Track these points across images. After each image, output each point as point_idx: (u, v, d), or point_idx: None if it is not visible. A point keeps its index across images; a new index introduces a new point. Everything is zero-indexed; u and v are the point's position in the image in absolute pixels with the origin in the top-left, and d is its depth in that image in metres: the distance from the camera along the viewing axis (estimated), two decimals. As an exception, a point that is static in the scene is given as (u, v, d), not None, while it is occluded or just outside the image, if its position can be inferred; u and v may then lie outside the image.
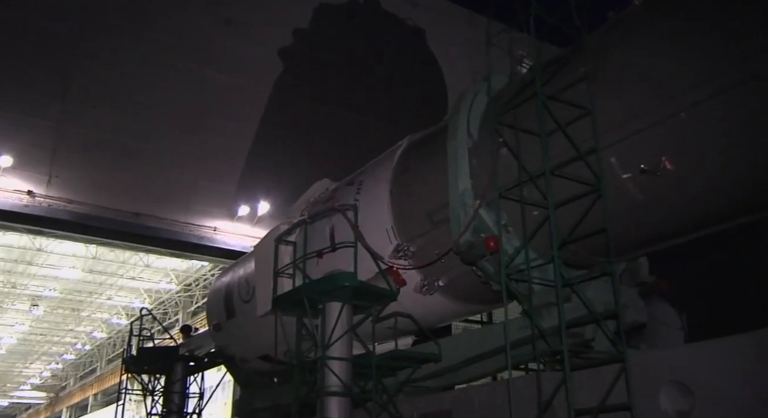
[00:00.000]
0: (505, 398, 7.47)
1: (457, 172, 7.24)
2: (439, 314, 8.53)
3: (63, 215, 18.02)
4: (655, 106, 5.83)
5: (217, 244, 20.64)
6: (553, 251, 5.59)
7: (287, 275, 8.50)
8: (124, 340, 51.58)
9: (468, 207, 7.11)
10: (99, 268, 39.50)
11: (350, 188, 9.05)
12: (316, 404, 7.75)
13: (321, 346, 7.61)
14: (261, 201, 20.75)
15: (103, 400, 56.62)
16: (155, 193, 19.51)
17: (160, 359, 13.04)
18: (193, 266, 37.00)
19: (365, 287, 7.51)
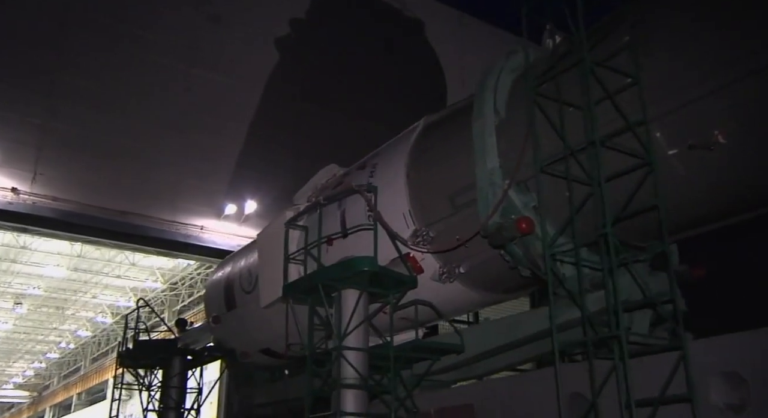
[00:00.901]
0: (531, 391, 6.95)
1: (484, 150, 6.69)
2: (457, 303, 7.97)
3: (48, 212, 17.59)
4: (707, 76, 5.32)
5: (204, 243, 20.28)
6: (607, 227, 5.04)
7: (298, 261, 7.87)
8: (109, 339, 50.91)
9: (497, 187, 6.56)
10: (84, 266, 38.76)
11: (362, 172, 8.47)
12: (331, 398, 7.17)
13: (337, 336, 7.02)
14: (248, 200, 20.41)
15: (87, 399, 55.67)
16: (141, 191, 19.14)
17: (157, 352, 12.33)
18: (180, 264, 36.46)
19: (385, 272, 6.93)
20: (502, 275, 7.50)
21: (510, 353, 7.31)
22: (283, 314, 9.63)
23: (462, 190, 7.26)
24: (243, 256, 11.15)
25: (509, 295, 7.97)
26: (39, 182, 17.63)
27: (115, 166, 18.76)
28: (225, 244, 20.20)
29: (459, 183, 7.29)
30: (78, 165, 18.30)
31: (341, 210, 8.48)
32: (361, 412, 7.03)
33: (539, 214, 6.53)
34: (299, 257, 7.99)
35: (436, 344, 7.29)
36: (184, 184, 19.98)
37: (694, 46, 5.54)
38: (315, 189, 9.45)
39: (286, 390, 10.57)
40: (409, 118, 8.84)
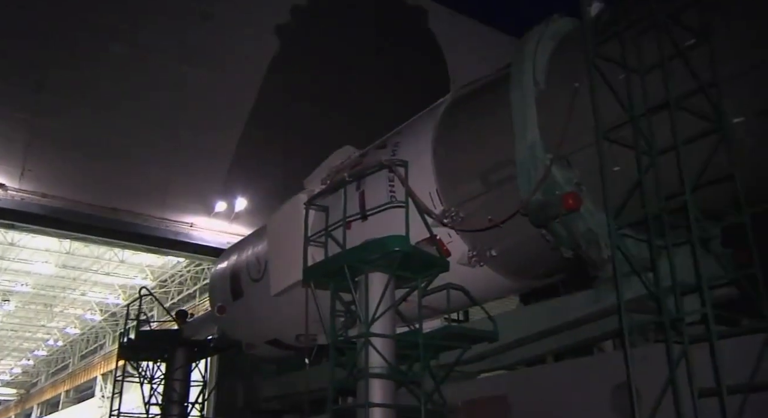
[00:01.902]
0: (571, 380, 6.37)
1: (524, 122, 6.09)
2: (485, 289, 7.35)
3: (36, 209, 17.25)
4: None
5: (194, 240, 19.92)
6: (687, 194, 4.44)
7: (318, 244, 7.23)
8: (97, 336, 49.86)
9: (539, 161, 5.95)
10: (73, 263, 37.76)
11: (383, 151, 7.84)
12: (357, 388, 6.54)
13: (363, 322, 6.38)
14: (238, 197, 20.05)
15: (75, 397, 54.56)
16: (131, 188, 18.77)
17: (161, 343, 11.57)
18: (169, 262, 35.69)
19: (418, 253, 6.30)
20: (538, 258, 6.93)
21: (547, 340, 6.72)
22: (292, 303, 9.03)
23: (495, 167, 6.67)
24: (250, 243, 10.48)
25: (540, 280, 7.37)
26: (27, 178, 17.26)
27: (104, 163, 18.35)
28: (215, 241, 19.85)
29: (492, 160, 6.70)
30: (67, 161, 17.94)
31: (360, 191, 7.84)
32: (390, 403, 6.41)
33: (582, 190, 5.96)
34: (319, 240, 7.31)
35: (471, 331, 6.66)
36: (174, 181, 19.59)
37: None
38: (330, 171, 8.79)
39: (296, 383, 9.88)
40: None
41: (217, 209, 19.91)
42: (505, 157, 6.53)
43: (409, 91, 24.03)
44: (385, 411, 6.35)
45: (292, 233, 8.57)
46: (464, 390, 7.20)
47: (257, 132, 21.18)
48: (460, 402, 7.13)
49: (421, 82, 24.35)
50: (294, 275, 8.52)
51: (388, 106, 22.51)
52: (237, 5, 22.12)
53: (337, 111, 22.64)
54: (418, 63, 25.50)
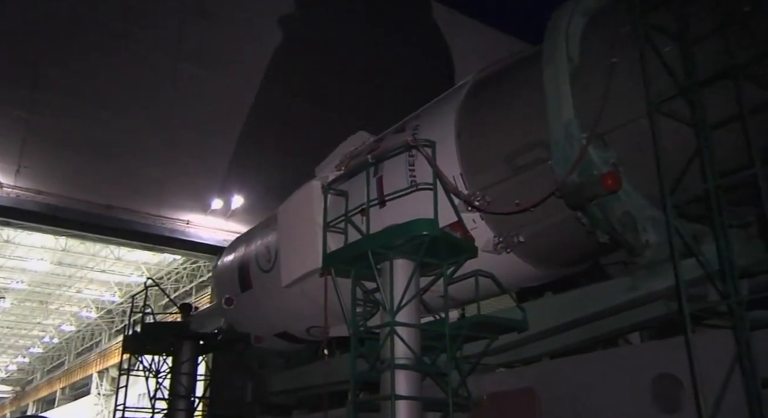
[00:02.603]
0: (604, 371, 5.97)
1: (559, 100, 5.69)
2: (509, 278, 6.92)
3: (32, 206, 17.06)
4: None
5: (190, 237, 19.83)
6: (757, 167, 4.04)
7: (338, 230, 6.81)
8: (93, 333, 49.27)
9: (575, 140, 5.55)
10: (68, 260, 37.43)
11: (401, 135, 7.41)
12: (380, 380, 6.13)
13: (389, 311, 5.96)
14: (235, 195, 19.90)
15: (71, 394, 53.92)
16: (127, 185, 18.59)
17: (168, 336, 11.08)
18: (165, 259, 35.36)
19: (447, 238, 5.89)
20: (568, 243, 6.54)
21: (580, 330, 6.32)
22: (304, 294, 8.62)
23: (523, 150, 6.27)
24: (259, 233, 10.04)
25: (567, 268, 6.96)
26: (23, 175, 17.03)
27: (100, 160, 18.13)
28: (211, 238, 19.75)
29: (519, 142, 6.30)
30: (63, 158, 17.71)
31: (377, 177, 7.42)
32: (416, 395, 6.00)
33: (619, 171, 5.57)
34: (338, 226, 6.89)
35: (501, 321, 6.24)
36: (170, 179, 19.40)
37: None
38: (344, 157, 8.36)
39: (306, 377, 9.45)
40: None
41: (213, 207, 19.72)
42: (533, 139, 6.14)
43: (407, 90, 23.73)
44: (410, 404, 5.95)
45: (305, 221, 8.16)
46: (486, 383, 6.80)
47: (254, 130, 20.96)
48: (485, 395, 6.73)
49: (419, 81, 24.02)
50: (306, 264, 8.12)
51: (386, 105, 22.22)
52: (234, 3, 21.80)
53: (334, 109, 22.37)
54: (416, 62, 25.16)
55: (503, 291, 6.45)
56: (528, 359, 6.72)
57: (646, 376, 5.52)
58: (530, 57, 6.60)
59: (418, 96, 8.60)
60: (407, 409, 5.89)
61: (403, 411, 5.83)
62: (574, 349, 6.67)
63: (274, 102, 21.54)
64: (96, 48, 18.60)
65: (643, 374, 5.55)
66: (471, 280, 6.69)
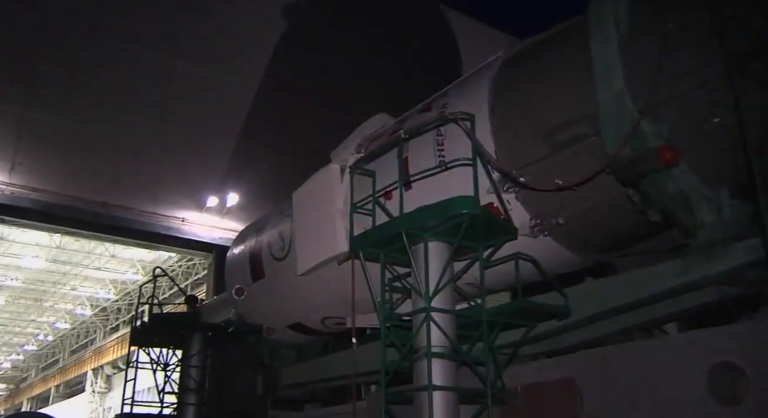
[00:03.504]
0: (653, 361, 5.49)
1: (609, 70, 5.21)
2: (543, 263, 6.41)
3: (26, 203, 16.92)
4: None
5: (185, 235, 19.76)
6: None
7: (366, 211, 6.31)
8: (88, 331, 48.58)
9: (626, 113, 5.08)
10: (63, 257, 37.04)
11: (428, 115, 6.90)
12: (414, 370, 5.64)
13: (424, 297, 5.46)
14: (230, 192, 19.86)
15: (66, 391, 53.21)
16: (122, 182, 18.49)
17: (178, 327, 10.50)
18: (160, 256, 34.69)
19: (489, 217, 5.39)
20: (610, 226, 6.05)
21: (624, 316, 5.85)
22: (320, 283, 8.11)
23: (563, 126, 5.78)
24: (271, 220, 9.50)
25: (605, 254, 6.47)
26: (17, 172, 16.89)
27: (95, 157, 17.99)
28: (206, 236, 19.72)
29: (559, 118, 5.81)
30: (57, 155, 17.56)
31: (402, 158, 6.91)
32: (453, 386, 5.52)
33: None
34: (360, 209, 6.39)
35: (544, 307, 5.75)
36: (165, 176, 19.25)
37: None
38: (364, 139, 7.86)
39: (324, 368, 8.92)
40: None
41: (208, 204, 19.61)
42: (577, 114, 5.66)
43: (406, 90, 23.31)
44: (447, 395, 5.46)
45: (323, 206, 7.66)
46: (522, 374, 6.30)
47: (250, 127, 20.81)
48: (519, 387, 6.23)
49: (416, 80, 23.63)
50: (325, 251, 7.62)
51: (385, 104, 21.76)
52: (230, 1, 21.36)
53: (330, 107, 22.12)
54: (415, 62, 24.77)
55: (545, 276, 5.95)
56: (568, 348, 6.23)
57: (702, 365, 5.05)
58: (569, 29, 6.14)
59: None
60: (444, 400, 5.41)
61: (439, 403, 5.34)
62: (613, 338, 6.22)
63: (270, 99, 21.44)
64: (91, 45, 18.44)
65: (697, 364, 5.09)
66: (500, 266, 6.21)
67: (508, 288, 7.06)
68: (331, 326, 8.97)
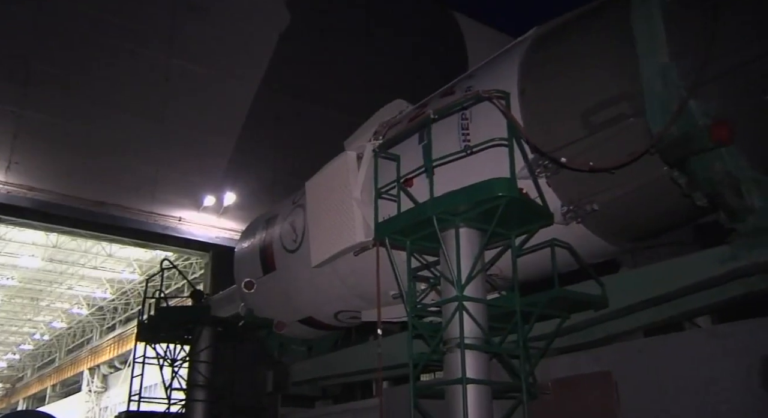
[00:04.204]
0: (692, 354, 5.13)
1: (654, 44, 4.85)
2: (576, 251, 6.03)
3: (23, 202, 16.43)
4: None
5: (182, 234, 19.21)
6: None
7: (391, 197, 5.92)
8: (84, 330, 47.92)
9: (673, 89, 4.71)
10: (60, 257, 36.31)
11: (451, 98, 6.51)
12: (444, 362, 5.25)
13: (456, 285, 5.08)
14: (227, 192, 19.34)
15: (62, 391, 52.53)
16: (119, 181, 18.01)
17: (187, 321, 10.02)
18: (157, 256, 33.93)
19: (525, 201, 5.01)
20: (647, 212, 5.67)
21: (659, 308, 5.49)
22: (334, 275, 7.71)
23: (599, 107, 5.40)
24: (282, 211, 9.07)
25: (638, 243, 6.10)
26: (14, 171, 16.44)
27: (92, 156, 17.56)
28: (203, 235, 19.27)
29: (596, 97, 5.43)
30: (54, 154, 17.16)
31: (423, 144, 6.52)
32: (487, 379, 5.13)
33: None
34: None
35: (582, 296, 5.37)
36: (162, 176, 18.84)
37: None
38: (381, 126, 7.46)
39: (334, 365, 8.51)
40: None
41: (205, 204, 19.13)
42: (615, 93, 5.30)
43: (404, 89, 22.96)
44: (480, 389, 5.07)
45: (340, 194, 7.27)
46: (554, 367, 5.92)
47: (247, 127, 20.41)
48: (549, 382, 5.85)
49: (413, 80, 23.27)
50: (341, 241, 7.23)
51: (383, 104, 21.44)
52: (227, 0, 21.07)
53: (328, 107, 21.87)
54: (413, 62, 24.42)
55: (581, 265, 5.58)
56: (602, 339, 5.85)
57: (748, 357, 4.71)
58: (604, 4, 5.77)
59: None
60: (477, 394, 5.03)
61: (473, 397, 4.96)
62: (650, 329, 5.86)
63: (268, 99, 21.00)
64: (88, 43, 18.03)
65: (746, 355, 4.74)
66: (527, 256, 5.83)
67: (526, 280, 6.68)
68: (345, 321, 8.58)
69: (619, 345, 5.64)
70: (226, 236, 19.39)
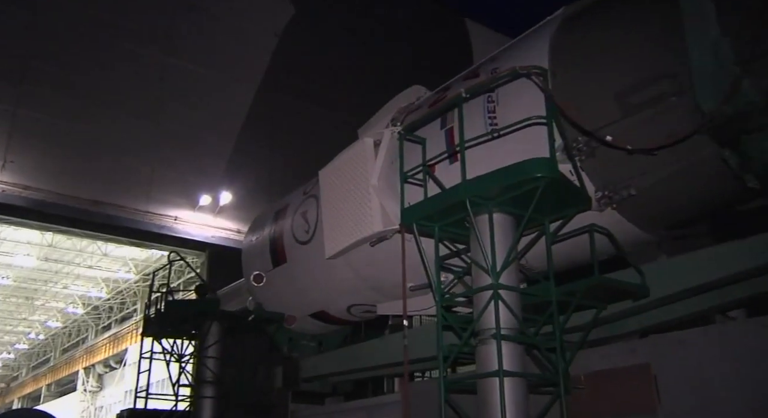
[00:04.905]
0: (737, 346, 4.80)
1: (703, 18, 4.50)
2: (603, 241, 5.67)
3: (18, 201, 16.10)
4: None
5: (178, 233, 18.85)
6: None
7: (417, 181, 5.56)
8: (80, 330, 47.30)
9: (726, 65, 4.37)
10: (55, 256, 35.67)
11: (475, 80, 6.14)
12: (477, 354, 4.90)
13: (491, 273, 4.72)
14: (223, 191, 18.99)
15: (57, 390, 51.88)
16: (115, 180, 17.68)
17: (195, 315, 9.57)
18: (153, 255, 33.72)
19: (566, 183, 4.66)
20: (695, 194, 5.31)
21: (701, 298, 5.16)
22: (349, 267, 7.35)
23: (638, 87, 5.06)
24: (293, 202, 8.68)
25: (674, 231, 5.75)
26: (9, 170, 16.10)
27: (88, 155, 17.27)
28: (199, 235, 19.01)
29: (635, 77, 5.09)
30: (50, 153, 16.85)
31: (446, 129, 6.18)
32: (523, 371, 4.79)
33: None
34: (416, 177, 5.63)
35: (622, 284, 5.01)
36: (158, 175, 18.55)
37: None
38: (399, 112, 7.11)
39: (348, 360, 8.13)
40: None
41: (201, 203, 18.81)
42: (655, 72, 4.96)
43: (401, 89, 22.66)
44: (517, 383, 4.72)
45: (356, 183, 6.91)
46: (589, 359, 5.57)
47: (243, 126, 20.06)
48: (582, 375, 5.50)
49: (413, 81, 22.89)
50: (358, 231, 6.86)
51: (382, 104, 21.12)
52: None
53: (325, 106, 21.58)
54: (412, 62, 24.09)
55: (620, 252, 5.23)
56: (640, 330, 5.51)
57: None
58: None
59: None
60: (513, 388, 4.67)
61: (509, 391, 4.60)
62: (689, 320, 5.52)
63: (264, 98, 20.62)
64: (84, 42, 17.66)
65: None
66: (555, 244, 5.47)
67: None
68: (358, 315, 8.22)
69: (657, 336, 5.30)
70: (222, 236, 19.12)
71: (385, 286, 7.24)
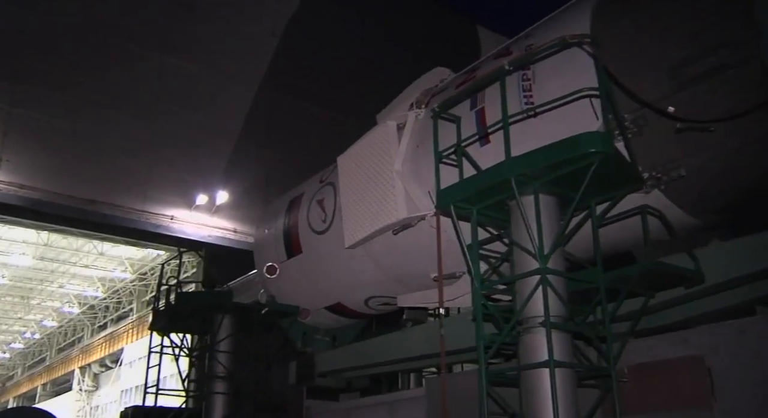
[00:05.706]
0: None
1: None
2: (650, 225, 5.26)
3: (14, 200, 15.88)
4: None
5: (174, 233, 18.55)
6: None
7: (451, 162, 5.15)
8: (75, 329, 46.71)
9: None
10: (51, 255, 35.40)
11: (507, 58, 5.72)
12: (520, 344, 4.49)
13: (539, 257, 4.31)
14: (219, 190, 18.75)
15: (52, 390, 51.30)
16: (111, 179, 17.44)
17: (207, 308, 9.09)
18: (149, 254, 33.56)
19: (619, 162, 4.25)
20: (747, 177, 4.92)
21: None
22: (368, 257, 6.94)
23: (696, 57, 4.65)
24: (308, 191, 8.25)
25: (721, 216, 5.35)
26: (4, 169, 15.91)
27: (84, 154, 17.04)
28: (195, 234, 18.71)
29: (690, 48, 4.69)
30: (45, 152, 16.63)
31: (477, 110, 5.77)
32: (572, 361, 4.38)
33: None
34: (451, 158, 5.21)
35: (677, 270, 4.61)
36: (154, 174, 18.34)
37: None
38: (423, 95, 6.69)
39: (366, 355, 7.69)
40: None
41: (198, 202, 18.56)
42: (714, 42, 4.56)
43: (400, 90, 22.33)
44: (566, 374, 4.32)
45: (379, 168, 6.50)
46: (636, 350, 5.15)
47: (240, 126, 19.81)
48: (626, 368, 5.09)
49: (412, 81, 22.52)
50: (381, 219, 6.45)
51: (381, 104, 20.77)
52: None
53: (322, 106, 21.27)
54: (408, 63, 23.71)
55: (672, 236, 4.82)
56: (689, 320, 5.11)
57: None
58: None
59: None
60: (563, 379, 4.27)
61: (558, 382, 4.19)
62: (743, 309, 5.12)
63: (262, 98, 20.33)
64: (79, 40, 17.39)
65: None
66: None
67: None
68: (375, 308, 7.80)
69: (712, 326, 4.89)
70: (218, 235, 18.84)
71: (407, 276, 6.83)
